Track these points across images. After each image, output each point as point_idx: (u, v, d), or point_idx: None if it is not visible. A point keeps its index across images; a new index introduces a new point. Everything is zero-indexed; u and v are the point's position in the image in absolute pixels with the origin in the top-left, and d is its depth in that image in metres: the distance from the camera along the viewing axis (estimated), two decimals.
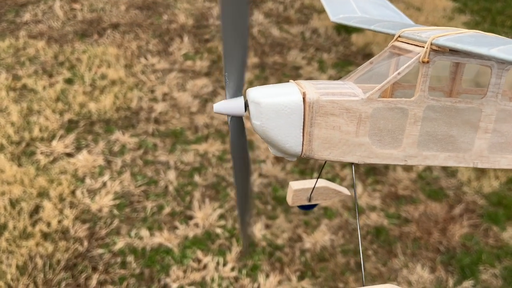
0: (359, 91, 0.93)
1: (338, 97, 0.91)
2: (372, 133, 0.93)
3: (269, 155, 2.70)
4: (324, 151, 0.93)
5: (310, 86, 0.94)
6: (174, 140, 2.79)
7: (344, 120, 0.91)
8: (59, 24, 3.87)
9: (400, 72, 0.91)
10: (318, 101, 0.90)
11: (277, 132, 0.91)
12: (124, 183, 2.48)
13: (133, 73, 3.33)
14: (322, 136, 0.92)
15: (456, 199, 2.50)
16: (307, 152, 0.93)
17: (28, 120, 2.85)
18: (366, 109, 0.91)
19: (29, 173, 2.48)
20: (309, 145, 0.92)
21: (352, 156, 0.94)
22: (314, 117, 0.90)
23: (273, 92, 0.93)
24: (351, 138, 0.92)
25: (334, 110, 0.90)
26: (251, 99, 0.92)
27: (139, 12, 4.15)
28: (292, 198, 1.36)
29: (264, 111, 0.90)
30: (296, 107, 0.90)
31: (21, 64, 3.35)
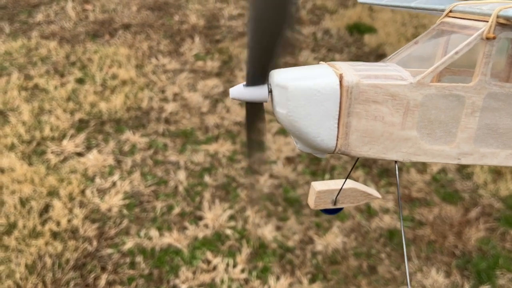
0: (407, 74, 0.78)
1: (382, 81, 0.76)
2: (421, 125, 0.78)
3: (280, 156, 2.67)
4: (363, 147, 0.79)
5: (347, 68, 0.80)
6: (184, 140, 2.77)
7: (389, 109, 0.77)
8: (71, 24, 3.88)
9: (458, 51, 0.76)
10: (358, 85, 0.75)
11: (307, 123, 0.77)
12: (134, 183, 2.46)
13: (144, 73, 3.32)
14: (361, 128, 0.78)
15: (472, 202, 2.44)
16: (342, 148, 0.79)
17: (39, 120, 2.85)
18: (415, 95, 0.76)
19: (40, 172, 2.47)
20: (345, 139, 0.78)
21: (396, 153, 0.80)
22: (353, 105, 0.76)
23: (303, 75, 0.78)
24: (396, 131, 0.78)
25: (377, 96, 0.76)
26: (276, 83, 0.77)
27: (150, 12, 4.15)
28: (314, 201, 1.21)
29: (292, 97, 0.75)
30: (331, 92, 0.75)
31: (33, 64, 3.36)
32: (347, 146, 0.80)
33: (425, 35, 0.90)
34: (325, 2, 4.47)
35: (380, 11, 4.32)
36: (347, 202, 1.24)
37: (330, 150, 0.81)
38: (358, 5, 4.43)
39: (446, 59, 0.76)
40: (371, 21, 4.17)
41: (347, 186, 1.21)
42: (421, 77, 0.76)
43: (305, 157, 2.67)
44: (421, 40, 0.90)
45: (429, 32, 0.90)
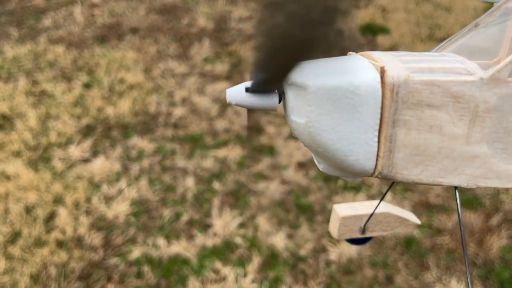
0: (475, 67, 0.58)
1: (441, 76, 0.56)
2: (494, 137, 0.58)
3: (292, 160, 2.58)
4: (413, 168, 0.58)
5: (390, 59, 0.59)
6: (193, 145, 2.70)
7: (449, 116, 0.56)
8: (79, 29, 3.85)
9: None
10: (407, 83, 0.55)
11: (334, 137, 0.56)
12: (141, 190, 2.39)
13: (152, 78, 3.27)
14: (411, 143, 0.57)
15: (493, 208, 2.33)
16: (384, 170, 0.59)
17: (46, 125, 2.81)
18: (487, 96, 0.56)
19: (46, 178, 2.42)
20: (388, 157, 0.58)
21: (458, 176, 0.60)
22: (400, 111, 0.56)
23: (329, 69, 0.56)
24: (458, 146, 0.58)
25: (434, 98, 0.55)
26: (291, 80, 0.56)
27: (158, 16, 4.11)
28: (338, 229, 0.98)
29: (314, 101, 0.55)
30: (369, 93, 0.55)
31: (41, 69, 3.33)
32: (390, 168, 0.59)
33: (488, 15, 0.68)
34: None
35: (393, 11, 4.23)
36: (378, 229, 1.01)
37: (367, 173, 0.60)
38: (370, 5, 4.34)
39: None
40: (384, 21, 4.08)
41: (379, 211, 0.99)
42: (495, 70, 0.55)
43: None
44: (483, 22, 0.68)
45: (493, 11, 0.69)
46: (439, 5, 4.35)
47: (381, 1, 4.40)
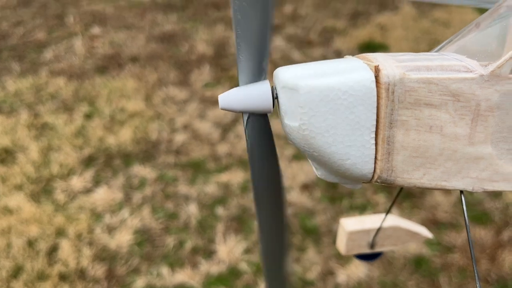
0: (474, 64, 0.55)
1: (438, 74, 0.53)
2: (499, 137, 0.55)
3: (296, 182, 2.55)
4: (414, 172, 0.56)
5: (385, 58, 0.57)
6: (195, 171, 2.68)
7: (450, 115, 0.54)
8: (80, 61, 3.89)
9: None
10: (403, 81, 0.52)
11: (329, 140, 0.54)
12: (144, 218, 2.37)
13: (153, 105, 3.27)
14: (410, 144, 0.55)
15: (503, 223, 2.28)
16: (383, 174, 0.56)
17: (47, 158, 2.80)
18: (488, 94, 0.53)
19: (48, 211, 2.41)
20: (387, 160, 0.55)
21: (462, 179, 0.57)
22: (397, 111, 0.54)
23: (322, 70, 0.55)
24: (461, 147, 0.55)
25: (432, 96, 0.53)
26: (283, 83, 0.55)
27: (158, 44, 4.15)
28: (346, 245, 0.94)
29: (306, 103, 0.53)
30: (363, 93, 0.53)
31: (42, 102, 3.35)
32: (390, 171, 0.56)
33: (488, 14, 0.65)
34: (334, 23, 4.42)
35: (392, 28, 4.25)
36: (388, 244, 0.96)
37: (365, 177, 0.57)
38: (368, 24, 4.36)
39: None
40: (382, 39, 4.09)
41: (388, 224, 0.94)
42: (496, 66, 0.53)
43: (321, 182, 2.55)
44: (484, 21, 0.65)
45: (494, 10, 0.65)
46: (437, 21, 4.37)
47: (379, 19, 4.43)
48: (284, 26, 4.43)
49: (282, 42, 4.13)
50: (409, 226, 0.97)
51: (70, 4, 5.00)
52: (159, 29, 4.44)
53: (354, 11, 4.67)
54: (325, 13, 4.67)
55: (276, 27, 4.41)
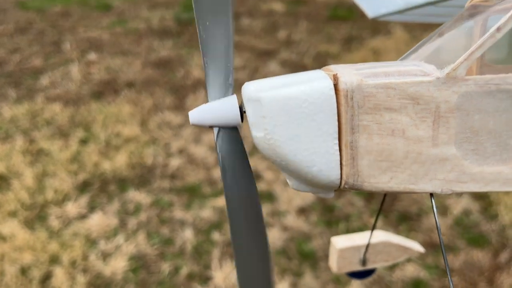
0: (431, 68, 0.57)
1: (395, 78, 0.55)
2: (462, 138, 0.56)
3: (292, 206, 2.54)
4: (381, 176, 0.56)
5: (345, 67, 0.59)
6: (190, 196, 2.67)
7: (411, 118, 0.55)
8: (76, 87, 3.92)
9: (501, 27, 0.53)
10: (360, 87, 0.54)
11: (294, 148, 0.55)
12: (139, 244, 2.34)
13: (149, 130, 3.28)
14: (374, 148, 0.56)
15: (500, 245, 2.27)
16: (350, 179, 0.57)
17: (42, 184, 2.79)
18: (446, 95, 0.54)
19: (42, 238, 2.38)
20: (352, 165, 0.57)
21: (430, 182, 0.57)
22: (357, 116, 0.55)
23: (283, 82, 0.57)
24: (425, 149, 0.56)
25: (392, 101, 0.54)
26: (247, 96, 0.57)
27: (154, 70, 4.18)
28: (337, 262, 0.94)
29: (268, 112, 0.55)
30: (323, 100, 0.54)
31: (38, 128, 3.35)
32: (356, 176, 0.57)
33: (452, 23, 0.67)
34: (328, 48, 4.49)
35: (385, 53, 4.31)
36: (379, 260, 0.96)
37: (334, 184, 0.57)
38: (362, 49, 4.42)
39: (484, 40, 0.53)
40: None
41: (378, 240, 0.94)
42: (451, 68, 0.54)
43: (317, 205, 2.55)
44: (448, 29, 0.66)
45: (457, 18, 0.67)
46: None
47: (372, 44, 4.50)
48: (278, 51, 4.48)
49: (277, 67, 4.18)
50: (400, 241, 0.97)
51: (67, 31, 5.06)
52: (155, 55, 4.49)
53: (348, 36, 4.74)
54: (319, 38, 4.75)
55: (271, 52, 4.47)
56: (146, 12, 5.58)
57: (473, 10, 0.67)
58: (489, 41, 0.54)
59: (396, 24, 4.81)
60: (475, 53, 0.54)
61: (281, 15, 5.37)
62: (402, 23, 4.83)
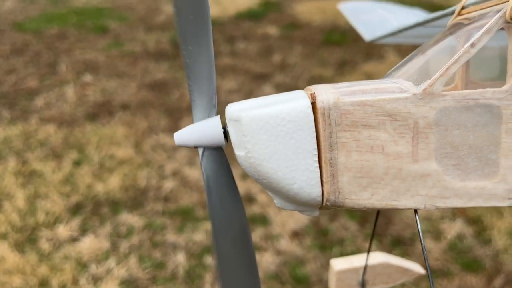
0: (408, 84, 0.57)
1: (372, 96, 0.56)
2: (442, 153, 0.56)
3: (285, 229, 2.53)
4: (362, 192, 0.57)
5: (324, 86, 0.61)
6: (183, 219, 2.65)
7: (389, 135, 0.55)
8: (70, 108, 3.92)
9: (475, 43, 0.54)
10: (337, 105, 0.55)
11: (274, 166, 0.56)
12: (131, 268, 2.31)
13: (143, 152, 3.28)
14: (353, 165, 0.56)
15: (494, 270, 2.26)
16: (331, 196, 0.57)
17: (34, 205, 2.76)
18: (424, 111, 0.54)
19: (32, 261, 2.34)
20: (332, 182, 0.57)
21: (412, 198, 0.57)
22: (335, 133, 0.56)
23: (263, 102, 0.59)
24: (405, 165, 0.56)
25: (369, 118, 0.55)
26: (229, 116, 0.60)
27: (149, 92, 4.20)
28: (336, 285, 0.94)
29: (248, 132, 0.57)
30: (300, 119, 0.56)
31: (31, 149, 3.33)
32: (337, 193, 0.57)
33: (434, 41, 0.68)
34: (322, 72, 4.54)
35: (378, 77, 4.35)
36: (379, 282, 0.95)
37: (315, 201, 0.58)
38: (355, 73, 4.48)
39: (459, 56, 0.54)
40: None
41: (376, 261, 0.94)
42: (427, 84, 0.55)
43: (311, 229, 2.53)
44: (430, 47, 0.67)
45: (439, 36, 0.68)
46: None
47: (365, 68, 4.55)
48: (273, 75, 4.53)
49: (272, 90, 4.21)
50: (400, 263, 0.96)
51: (63, 53, 5.09)
52: (150, 77, 4.51)
53: (341, 60, 4.80)
54: (313, 62, 4.80)
55: (265, 75, 4.51)
56: (142, 34, 5.64)
57: (454, 28, 0.68)
58: (464, 56, 0.55)
59: (389, 49, 4.88)
60: (451, 68, 0.55)
61: (276, 39, 5.44)
62: (395, 48, 4.90)
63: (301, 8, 6.42)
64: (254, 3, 6.72)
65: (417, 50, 0.69)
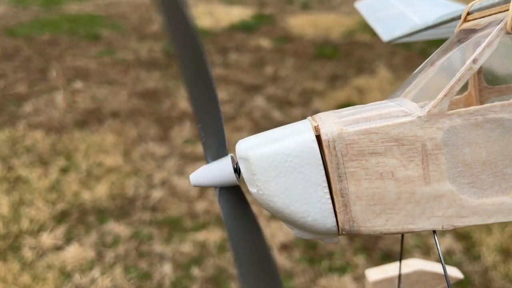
0: (413, 107, 0.57)
1: (376, 123, 0.56)
2: (455, 172, 0.55)
3: (274, 241, 2.50)
4: (376, 219, 0.57)
5: (328, 116, 0.60)
6: (171, 229, 2.61)
7: (398, 160, 0.55)
8: (59, 114, 3.87)
9: (477, 58, 0.54)
10: (341, 136, 0.56)
11: (286, 201, 0.58)
12: (116, 278, 2.26)
13: (132, 161, 3.24)
14: (364, 193, 0.57)
15: (483, 286, 2.25)
16: (346, 225, 0.58)
17: (18, 213, 2.70)
18: (430, 133, 0.54)
19: (14, 269, 2.28)
20: (346, 212, 0.57)
21: (428, 220, 0.57)
22: (343, 164, 0.56)
23: (270, 138, 0.60)
24: (417, 188, 0.56)
25: (375, 145, 0.55)
26: (239, 155, 0.60)
27: (140, 100, 4.17)
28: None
29: (257, 170, 0.57)
30: (306, 153, 0.56)
31: (18, 155, 3.28)
32: (351, 222, 0.57)
33: (443, 50, 0.67)
34: (314, 85, 4.55)
35: (369, 91, 4.38)
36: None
37: (331, 231, 0.59)
38: (346, 87, 4.49)
39: (462, 74, 0.54)
40: (360, 101, 4.20)
41: (411, 269, 0.92)
42: (431, 106, 0.54)
43: (300, 242, 2.51)
44: (439, 58, 0.66)
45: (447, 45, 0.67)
46: None
47: (356, 82, 4.57)
48: (265, 86, 4.52)
49: (263, 101, 4.20)
50: (435, 269, 0.94)
51: (54, 59, 5.05)
52: (141, 85, 4.49)
53: (333, 74, 4.82)
54: (305, 75, 4.82)
55: (257, 87, 4.50)
56: (134, 43, 5.63)
57: (462, 36, 0.67)
58: (467, 73, 0.55)
59: (380, 64, 4.92)
60: (454, 87, 0.55)
61: (268, 52, 5.46)
62: (386, 62, 4.94)
63: (293, 21, 6.46)
64: (247, 15, 6.75)
65: (427, 61, 0.68)
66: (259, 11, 6.99)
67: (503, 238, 2.52)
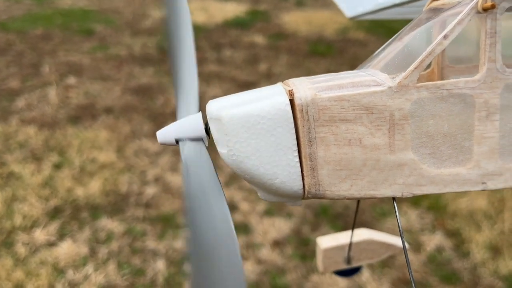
0: (384, 77, 0.59)
1: (349, 91, 0.57)
2: (418, 143, 0.58)
3: (267, 238, 2.52)
4: (341, 184, 0.59)
5: (301, 82, 0.62)
6: (164, 226, 2.62)
7: (366, 128, 0.57)
8: (52, 110, 3.86)
9: (448, 35, 0.56)
10: (314, 101, 0.57)
11: (256, 162, 0.58)
12: (109, 274, 2.27)
13: (125, 157, 3.24)
14: (332, 158, 0.58)
15: (471, 283, 2.28)
16: (312, 189, 0.60)
17: (11, 208, 2.70)
18: (399, 103, 0.57)
19: (6, 265, 2.29)
20: (313, 176, 0.59)
21: (390, 187, 0.59)
22: (314, 129, 0.58)
23: (243, 99, 0.60)
24: (382, 156, 0.58)
25: (346, 112, 0.57)
26: (210, 115, 0.60)
27: (133, 96, 4.17)
28: (322, 262, 0.96)
29: (229, 130, 0.58)
30: (279, 116, 0.57)
31: (10, 150, 3.27)
32: (318, 185, 0.59)
33: (411, 27, 0.69)
34: None
35: None
36: (364, 258, 0.97)
37: (297, 194, 0.60)
38: None
39: (432, 48, 0.56)
40: None
41: (361, 238, 0.96)
42: (402, 77, 0.57)
43: (292, 238, 2.53)
44: (406, 34, 0.68)
45: (415, 22, 0.69)
46: None
47: None
48: (259, 83, 4.53)
49: None
50: (383, 238, 0.98)
51: (47, 54, 5.03)
52: (135, 81, 4.48)
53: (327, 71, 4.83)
54: (299, 72, 4.83)
55: (251, 83, 4.51)
56: (128, 38, 5.61)
57: (431, 14, 0.69)
58: (438, 48, 0.57)
59: None
60: (425, 60, 0.57)
61: (262, 48, 5.47)
62: None
63: (288, 18, 6.47)
64: (241, 11, 6.75)
65: (394, 36, 0.70)
66: (253, 8, 6.99)
67: (492, 235, 2.55)
